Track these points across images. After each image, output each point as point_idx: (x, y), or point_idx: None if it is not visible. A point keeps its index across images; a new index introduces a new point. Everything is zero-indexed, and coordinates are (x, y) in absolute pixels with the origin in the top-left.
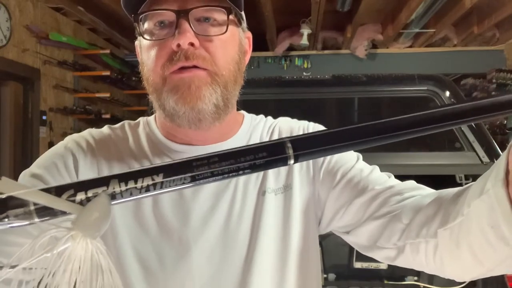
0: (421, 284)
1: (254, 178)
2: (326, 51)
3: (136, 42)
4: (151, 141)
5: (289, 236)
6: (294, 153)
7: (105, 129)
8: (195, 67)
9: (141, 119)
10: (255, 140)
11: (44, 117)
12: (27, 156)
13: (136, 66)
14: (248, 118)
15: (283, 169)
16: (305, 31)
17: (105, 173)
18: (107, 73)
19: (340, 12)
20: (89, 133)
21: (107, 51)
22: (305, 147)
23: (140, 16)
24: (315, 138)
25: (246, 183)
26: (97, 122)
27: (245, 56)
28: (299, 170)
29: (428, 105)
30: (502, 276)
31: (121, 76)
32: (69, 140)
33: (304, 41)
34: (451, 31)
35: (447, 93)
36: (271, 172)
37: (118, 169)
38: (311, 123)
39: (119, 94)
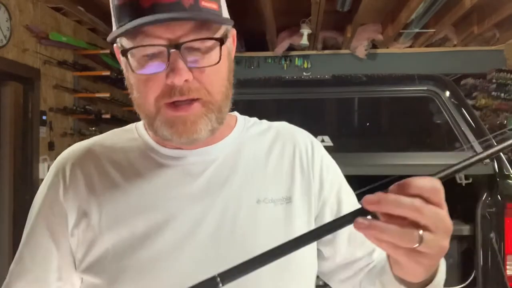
0: None
1: (249, 186)
2: (326, 51)
3: (116, 47)
4: (140, 147)
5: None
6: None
7: (91, 141)
8: (189, 99)
9: (132, 126)
10: (249, 143)
11: (44, 117)
12: (27, 156)
13: None
14: (241, 121)
15: (284, 181)
16: (305, 31)
17: (88, 197)
18: (107, 73)
19: (340, 12)
20: (71, 153)
21: (107, 51)
22: (230, 276)
23: (129, 49)
24: (238, 268)
25: (241, 190)
26: (97, 122)
27: (232, 61)
28: (300, 183)
29: (428, 105)
30: (502, 276)
31: (121, 76)
32: (52, 171)
33: (304, 41)
34: (451, 31)
35: (447, 93)
36: (270, 183)
37: (99, 185)
38: (314, 140)
39: (119, 94)
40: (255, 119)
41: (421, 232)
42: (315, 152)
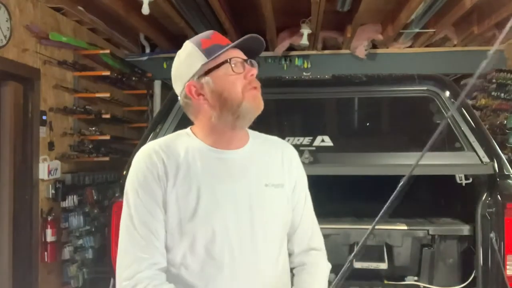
0: (421, 284)
1: (260, 174)
2: (326, 51)
3: (192, 83)
4: (198, 149)
5: (281, 215)
6: None
7: (160, 141)
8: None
9: (181, 133)
10: (258, 148)
11: (44, 117)
12: (27, 156)
13: (136, 66)
14: (251, 134)
15: (279, 173)
16: (305, 31)
17: (170, 176)
18: (107, 73)
19: (340, 12)
20: (152, 149)
21: (107, 51)
22: None
23: (230, 59)
24: None
25: (256, 177)
26: (97, 122)
27: None
28: (288, 175)
29: (428, 105)
30: (502, 276)
31: (121, 76)
32: (142, 160)
33: (304, 41)
34: (451, 31)
35: (447, 93)
36: (272, 174)
37: (175, 169)
38: (293, 149)
39: (119, 94)
40: (256, 132)
41: None
42: (295, 157)
